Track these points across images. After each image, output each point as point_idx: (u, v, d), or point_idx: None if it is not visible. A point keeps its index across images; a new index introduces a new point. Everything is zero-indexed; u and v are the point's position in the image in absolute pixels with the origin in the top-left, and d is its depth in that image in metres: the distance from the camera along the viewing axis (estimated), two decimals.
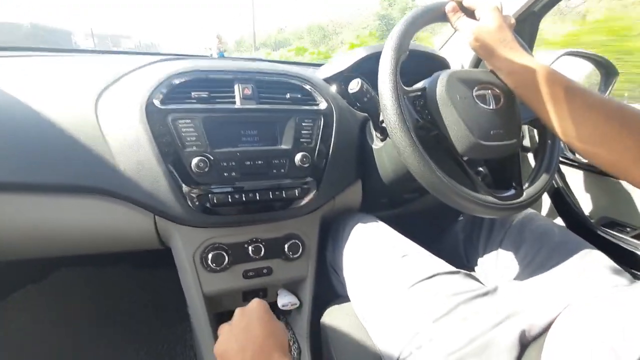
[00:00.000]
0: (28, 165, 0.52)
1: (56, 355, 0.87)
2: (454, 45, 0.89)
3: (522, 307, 0.48)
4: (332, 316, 0.65)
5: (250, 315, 0.44)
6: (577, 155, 0.78)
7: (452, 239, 0.80)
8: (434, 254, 0.58)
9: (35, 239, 0.57)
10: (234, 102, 0.59)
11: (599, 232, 0.73)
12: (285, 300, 0.70)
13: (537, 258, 0.58)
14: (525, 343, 0.45)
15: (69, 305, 0.95)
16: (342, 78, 0.76)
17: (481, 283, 0.54)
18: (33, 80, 0.59)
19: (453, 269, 0.54)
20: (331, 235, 0.73)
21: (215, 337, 0.66)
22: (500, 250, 0.65)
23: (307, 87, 0.65)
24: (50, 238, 0.57)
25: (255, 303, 0.46)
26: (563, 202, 0.80)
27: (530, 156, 0.88)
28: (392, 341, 0.49)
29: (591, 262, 0.54)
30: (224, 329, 0.45)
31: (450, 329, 0.45)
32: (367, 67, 0.71)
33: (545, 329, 0.46)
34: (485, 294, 0.50)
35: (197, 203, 0.56)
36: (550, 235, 0.61)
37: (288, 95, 0.63)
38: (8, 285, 0.91)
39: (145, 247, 0.65)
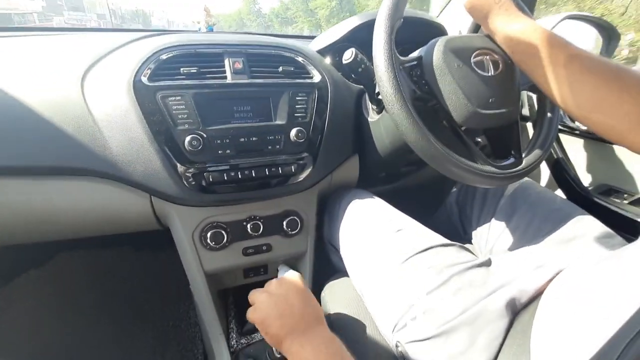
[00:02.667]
0: (16, 148, 0.51)
1: (62, 338, 0.89)
2: (452, 11, 0.86)
3: (514, 276, 0.49)
4: (332, 291, 0.66)
5: (288, 286, 0.47)
6: (577, 123, 0.77)
7: (447, 212, 0.80)
8: (429, 227, 0.59)
9: (30, 224, 0.56)
10: (225, 77, 0.57)
11: (595, 200, 0.73)
12: (285, 274, 0.71)
13: (530, 226, 0.59)
14: (516, 310, 0.46)
15: (72, 288, 0.96)
16: (336, 49, 0.73)
17: (474, 255, 0.54)
18: (16, 62, 0.57)
19: (447, 241, 0.55)
20: (327, 211, 0.74)
21: (219, 314, 0.67)
22: (494, 221, 0.65)
23: (300, 59, 0.63)
24: (46, 222, 0.57)
25: (293, 274, 0.49)
26: (561, 171, 0.80)
27: (529, 126, 0.87)
28: (388, 313, 0.50)
29: (584, 228, 0.55)
30: (260, 297, 0.47)
31: (443, 301, 0.46)
32: (361, 37, 0.69)
33: (537, 295, 0.47)
34: (479, 265, 0.50)
35: (192, 182, 0.56)
36: (544, 204, 0.61)
37: (280, 69, 0.61)
38: (11, 270, 0.92)
39: (144, 229, 0.65)
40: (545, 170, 0.88)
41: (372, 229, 0.60)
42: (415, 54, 0.55)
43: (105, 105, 0.53)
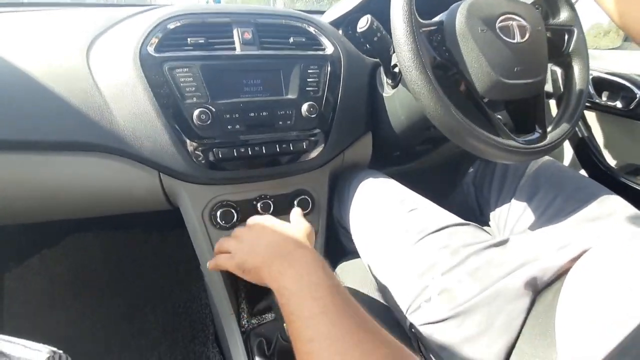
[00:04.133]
0: (22, 122, 0.50)
1: (74, 317, 0.90)
2: None
3: (534, 255, 0.46)
4: (344, 272, 0.65)
5: (257, 225, 0.44)
6: (604, 98, 0.73)
7: (463, 193, 0.77)
8: (446, 207, 0.56)
9: (37, 200, 0.55)
10: (234, 48, 0.55)
11: (622, 179, 0.70)
12: None
13: (552, 206, 0.56)
14: (537, 289, 0.44)
15: (84, 269, 0.97)
16: (350, 21, 0.70)
17: (491, 235, 0.52)
18: (20, 36, 0.55)
19: (462, 221, 0.52)
20: (337, 191, 0.72)
21: (230, 294, 0.66)
22: (513, 201, 0.63)
23: (312, 29, 0.60)
24: (53, 199, 0.56)
25: (261, 216, 0.46)
26: (585, 149, 0.76)
27: (552, 103, 0.83)
28: (401, 295, 0.49)
29: (610, 207, 0.52)
30: (229, 242, 0.45)
31: (459, 281, 0.44)
32: (376, 6, 0.65)
33: (561, 274, 0.45)
34: (497, 244, 0.48)
35: (201, 158, 0.54)
36: (567, 183, 0.58)
37: (291, 40, 0.58)
38: (24, 251, 0.93)
39: (154, 208, 0.64)
40: (568, 149, 0.84)
41: (384, 208, 0.58)
42: (436, 18, 0.51)
43: (112, 77, 0.51)
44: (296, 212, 0.50)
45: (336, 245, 0.73)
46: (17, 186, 0.53)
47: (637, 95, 0.66)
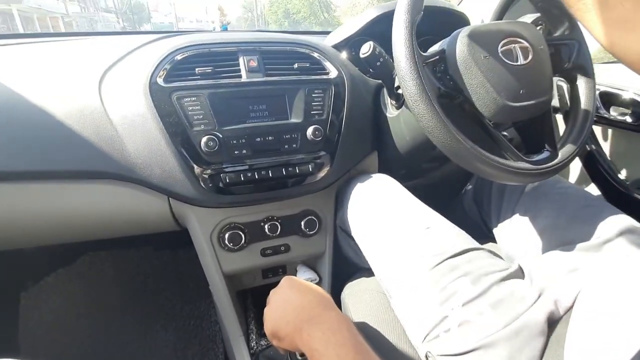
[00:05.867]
0: (38, 153, 0.52)
1: (88, 334, 0.92)
2: None
3: (548, 283, 0.45)
4: (353, 291, 0.65)
5: (281, 288, 0.46)
6: (613, 113, 0.72)
7: (464, 208, 0.76)
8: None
9: (53, 226, 0.57)
10: (240, 76, 0.56)
11: (634, 195, 0.68)
12: (304, 276, 0.70)
13: (556, 228, 0.55)
14: (554, 322, 0.42)
15: (97, 287, 0.98)
16: (353, 43, 0.71)
17: (502, 259, 0.51)
18: (35, 68, 0.58)
19: (477, 244, 0.51)
20: (340, 193, 0.70)
21: (239, 315, 0.67)
22: (515, 219, 0.61)
23: (316, 55, 0.61)
24: (68, 224, 0.58)
25: (283, 281, 0.47)
26: (595, 164, 0.75)
27: (559, 117, 0.82)
28: (418, 321, 0.47)
29: (618, 228, 0.50)
30: (265, 312, 0.46)
31: (480, 313, 0.42)
32: (378, 30, 0.66)
33: (571, 305, 0.44)
34: (514, 274, 0.47)
35: (209, 183, 0.55)
36: (571, 200, 0.56)
37: (296, 65, 0.59)
38: (40, 270, 0.95)
39: (163, 230, 0.65)
40: (577, 164, 0.83)
41: (395, 221, 0.56)
42: (437, 47, 0.52)
43: (123, 108, 0.53)
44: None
45: (345, 264, 0.73)
46: (35, 213, 0.55)
47: None
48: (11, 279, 0.93)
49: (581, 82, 0.56)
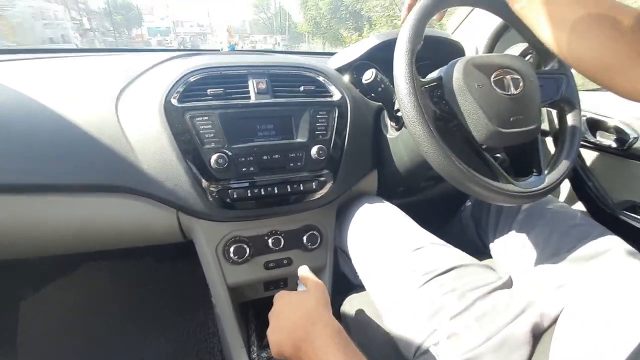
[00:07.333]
0: (56, 167, 0.54)
1: (87, 343, 0.92)
2: (468, 27, 0.87)
3: (535, 297, 0.48)
4: (352, 305, 0.67)
5: (277, 304, 0.48)
6: (599, 138, 0.76)
7: (462, 224, 0.79)
8: (445, 239, 0.58)
9: (65, 237, 0.59)
10: (249, 97, 0.59)
11: (620, 216, 0.72)
12: (305, 289, 0.71)
13: (548, 244, 0.58)
14: (538, 334, 0.45)
15: (97, 297, 0.99)
16: (355, 67, 0.75)
17: (495, 271, 0.54)
18: (53, 83, 0.61)
19: (468, 260, 0.54)
20: (339, 216, 0.73)
21: (240, 327, 0.68)
22: (511, 236, 0.65)
23: (321, 78, 0.65)
24: (80, 236, 0.60)
25: (275, 300, 0.49)
26: (582, 185, 0.79)
27: (549, 140, 0.86)
28: (409, 336, 0.50)
29: (605, 246, 0.53)
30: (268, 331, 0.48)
31: (467, 327, 0.45)
32: (380, 56, 0.70)
33: (556, 318, 0.46)
34: (501, 287, 0.50)
35: (217, 198, 0.58)
36: (562, 219, 0.60)
37: (302, 88, 0.63)
38: (41, 279, 0.96)
39: (169, 241, 0.67)
40: (566, 186, 0.87)
41: (388, 243, 0.60)
42: (435, 74, 0.56)
43: (138, 126, 0.56)
44: (304, 272, 0.53)
45: (345, 278, 0.75)
46: (49, 225, 0.57)
47: (630, 137, 0.69)
48: (11, 287, 0.93)
49: (568, 112, 0.60)
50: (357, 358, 0.38)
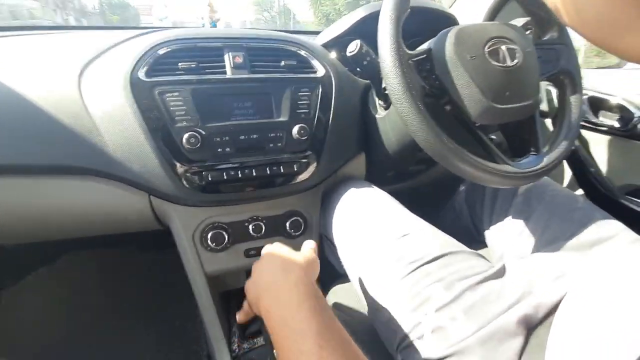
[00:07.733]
0: (14, 147, 0.50)
1: (69, 334, 0.89)
2: (466, 1, 0.82)
3: (530, 287, 0.44)
4: (336, 296, 0.64)
5: (260, 266, 0.45)
6: (601, 118, 0.72)
7: (456, 211, 0.76)
8: (438, 226, 0.54)
9: (31, 222, 0.56)
10: (225, 72, 0.55)
11: (621, 201, 0.68)
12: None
13: (548, 229, 0.54)
14: (532, 326, 0.42)
15: (79, 287, 0.96)
16: (342, 43, 0.70)
17: (487, 260, 0.50)
18: (13, 60, 0.56)
19: (457, 248, 0.50)
20: (324, 200, 0.69)
21: (221, 317, 0.65)
22: (507, 222, 0.61)
23: (303, 53, 0.60)
24: (46, 221, 0.56)
25: (267, 246, 0.48)
26: (583, 169, 0.75)
27: (548, 122, 0.82)
28: (393, 329, 0.47)
29: (608, 232, 0.50)
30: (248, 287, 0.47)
31: (453, 319, 0.42)
32: (367, 29, 0.65)
33: (554, 308, 0.43)
34: (492, 276, 0.46)
35: (191, 181, 0.54)
36: (562, 204, 0.56)
37: (283, 63, 0.58)
38: (21, 269, 0.93)
39: (145, 228, 0.64)
40: (565, 169, 0.83)
41: (374, 230, 0.56)
42: (424, 46, 0.51)
43: (102, 102, 0.51)
44: (308, 244, 0.50)
45: (331, 268, 0.72)
46: (9, 209, 0.53)
47: (635, 116, 0.65)
48: None
49: (568, 87, 0.56)
50: (333, 323, 0.35)
